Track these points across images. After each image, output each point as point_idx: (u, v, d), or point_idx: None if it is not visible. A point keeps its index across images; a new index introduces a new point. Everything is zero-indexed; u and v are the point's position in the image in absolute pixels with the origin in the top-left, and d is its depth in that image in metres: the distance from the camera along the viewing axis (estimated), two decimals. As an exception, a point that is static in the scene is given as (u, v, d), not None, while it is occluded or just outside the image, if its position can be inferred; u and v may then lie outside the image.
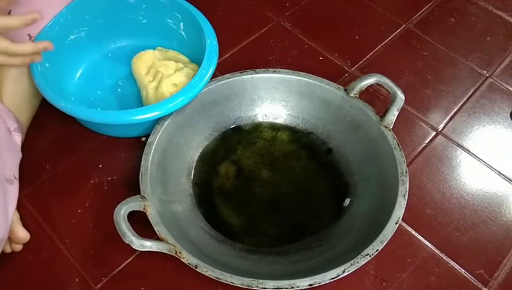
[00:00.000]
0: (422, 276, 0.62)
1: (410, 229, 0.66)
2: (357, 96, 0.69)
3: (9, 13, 0.71)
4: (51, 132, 0.72)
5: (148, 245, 0.53)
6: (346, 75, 0.82)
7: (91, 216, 0.64)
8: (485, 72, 0.85)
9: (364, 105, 0.69)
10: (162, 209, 0.58)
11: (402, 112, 0.68)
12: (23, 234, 0.60)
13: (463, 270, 0.63)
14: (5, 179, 0.60)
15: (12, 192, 0.62)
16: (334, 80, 0.73)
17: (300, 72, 0.72)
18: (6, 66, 0.64)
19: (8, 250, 0.60)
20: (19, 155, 0.66)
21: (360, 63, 0.84)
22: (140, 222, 0.56)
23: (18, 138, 0.67)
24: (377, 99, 0.78)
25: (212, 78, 0.68)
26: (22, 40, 0.71)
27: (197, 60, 0.72)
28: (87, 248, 0.62)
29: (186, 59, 0.75)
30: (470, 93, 0.82)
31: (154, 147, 0.63)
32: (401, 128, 0.74)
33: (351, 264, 0.54)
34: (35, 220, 0.63)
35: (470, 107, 0.80)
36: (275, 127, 0.73)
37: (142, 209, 0.57)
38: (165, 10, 0.76)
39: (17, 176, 0.64)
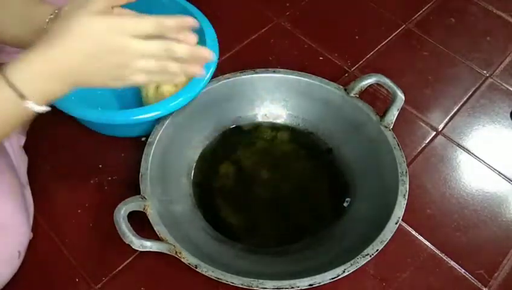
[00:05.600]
0: (422, 276, 0.62)
1: (410, 229, 0.66)
2: (357, 96, 0.69)
3: None
4: (51, 132, 0.72)
5: (148, 245, 0.53)
6: (346, 75, 0.82)
7: (91, 216, 0.64)
8: (485, 72, 0.85)
9: (364, 105, 0.69)
10: (162, 209, 0.58)
11: (402, 112, 0.68)
12: None
13: (463, 270, 0.63)
14: (22, 185, 0.61)
15: (29, 196, 0.63)
16: (334, 80, 0.73)
17: (300, 72, 0.72)
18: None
19: None
20: (26, 159, 0.66)
21: (360, 63, 0.84)
22: (140, 222, 0.56)
23: (22, 141, 0.68)
24: (377, 99, 0.78)
25: (212, 78, 0.68)
26: None
27: (197, 60, 0.72)
28: (87, 248, 0.62)
29: (186, 59, 0.75)
30: (470, 93, 0.82)
31: (154, 147, 0.63)
32: (401, 128, 0.74)
33: (351, 264, 0.54)
34: (35, 220, 0.63)
35: (470, 107, 0.80)
36: (275, 127, 0.73)
37: (142, 209, 0.57)
38: (165, 10, 0.76)
39: (27, 180, 0.64)
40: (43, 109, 0.45)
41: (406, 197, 0.60)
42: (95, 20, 0.43)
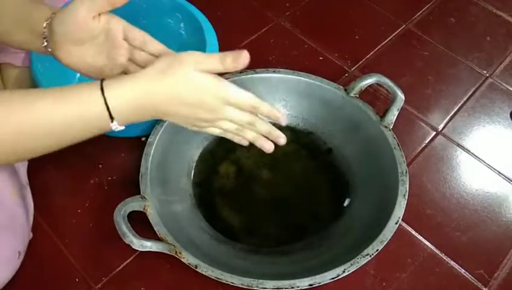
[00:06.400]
0: (422, 276, 0.62)
1: (410, 229, 0.66)
2: (357, 96, 0.69)
3: None
4: (51, 131, 0.72)
5: (148, 245, 0.53)
6: (346, 75, 0.82)
7: (91, 216, 0.64)
8: (485, 72, 0.85)
9: (364, 105, 0.69)
10: (162, 209, 0.58)
11: (402, 112, 0.68)
12: None
13: (463, 270, 0.63)
14: (22, 185, 0.61)
15: (29, 196, 0.63)
16: (334, 80, 0.73)
17: (300, 72, 0.71)
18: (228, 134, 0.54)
19: None
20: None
21: (360, 63, 0.84)
22: (140, 222, 0.56)
23: None
24: (377, 99, 0.78)
25: (212, 78, 0.68)
26: None
27: (197, 60, 0.72)
28: (87, 248, 0.62)
29: (186, 59, 0.75)
30: (470, 93, 0.82)
31: (154, 147, 0.63)
32: (401, 128, 0.74)
33: (351, 264, 0.54)
34: (36, 220, 0.63)
35: (470, 107, 0.80)
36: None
37: (142, 209, 0.57)
38: (165, 10, 0.76)
39: (27, 180, 0.64)
40: (121, 128, 0.48)
41: (406, 197, 0.60)
42: (204, 77, 0.47)
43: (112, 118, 0.45)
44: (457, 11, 0.94)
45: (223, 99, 0.48)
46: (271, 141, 0.55)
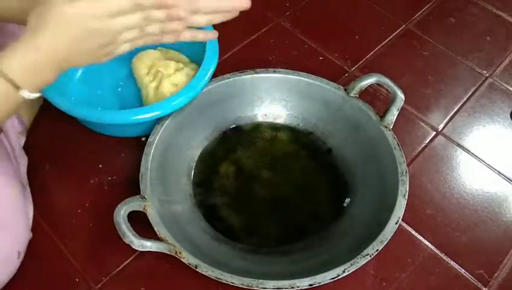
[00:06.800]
0: (422, 276, 0.62)
1: (410, 229, 0.66)
2: (357, 96, 0.69)
3: None
4: (51, 131, 0.72)
5: (148, 245, 0.53)
6: (346, 75, 0.82)
7: (91, 216, 0.64)
8: (485, 72, 0.85)
9: (364, 105, 0.69)
10: (162, 209, 0.58)
11: (402, 112, 0.68)
12: None
13: (463, 270, 0.63)
14: (22, 185, 0.61)
15: (29, 196, 0.63)
16: (334, 80, 0.73)
17: (300, 72, 0.71)
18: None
19: None
20: (26, 159, 0.66)
21: (360, 63, 0.84)
22: (140, 222, 0.56)
23: (22, 141, 0.68)
24: (377, 99, 0.78)
25: (212, 78, 0.68)
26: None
27: (197, 60, 0.72)
28: (87, 248, 0.62)
29: (186, 59, 0.75)
30: (470, 93, 0.82)
31: (154, 147, 0.63)
32: (401, 128, 0.74)
33: (351, 264, 0.54)
34: (36, 220, 0.63)
35: (470, 107, 0.80)
36: (275, 127, 0.73)
37: (142, 209, 0.57)
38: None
39: (27, 180, 0.64)
40: (36, 95, 0.46)
41: (406, 197, 0.60)
42: (74, 8, 0.44)
43: (18, 88, 0.44)
44: (457, 11, 0.94)
45: (101, 15, 0.45)
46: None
